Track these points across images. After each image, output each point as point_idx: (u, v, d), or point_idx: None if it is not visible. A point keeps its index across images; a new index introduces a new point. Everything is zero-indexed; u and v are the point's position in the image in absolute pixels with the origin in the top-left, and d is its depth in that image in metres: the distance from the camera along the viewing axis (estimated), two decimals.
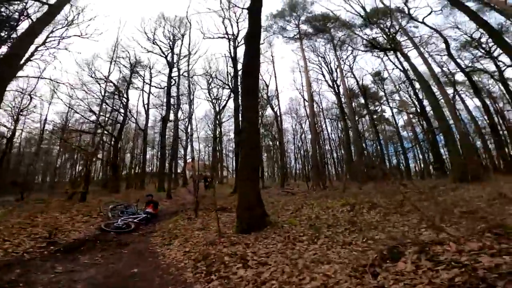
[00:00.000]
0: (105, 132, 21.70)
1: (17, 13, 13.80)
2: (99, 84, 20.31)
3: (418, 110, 23.16)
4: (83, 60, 21.64)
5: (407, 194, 7.25)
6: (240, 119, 11.01)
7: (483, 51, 18.10)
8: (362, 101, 27.01)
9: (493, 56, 17.54)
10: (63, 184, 24.89)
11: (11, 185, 14.77)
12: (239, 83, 17.93)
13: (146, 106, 26.31)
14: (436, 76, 14.68)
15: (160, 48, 24.11)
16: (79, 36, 16.58)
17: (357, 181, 14.80)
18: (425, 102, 20.15)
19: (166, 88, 23.90)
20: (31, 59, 15.66)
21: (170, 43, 24.36)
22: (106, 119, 21.58)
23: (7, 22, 13.70)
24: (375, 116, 28.17)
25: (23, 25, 14.10)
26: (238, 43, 20.84)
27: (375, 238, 4.13)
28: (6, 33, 13.92)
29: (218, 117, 30.56)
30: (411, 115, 26.50)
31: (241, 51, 19.31)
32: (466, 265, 2.16)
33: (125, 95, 22.51)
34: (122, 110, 22.41)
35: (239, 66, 20.16)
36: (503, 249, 2.30)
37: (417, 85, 20.05)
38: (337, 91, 25.60)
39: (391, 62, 22.04)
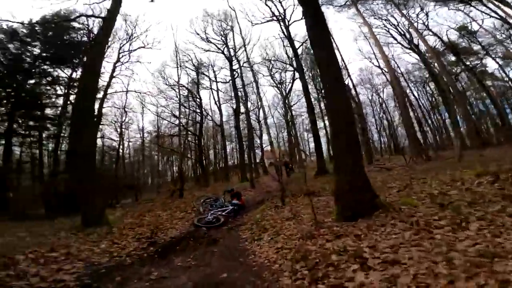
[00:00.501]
0: (189, 132, 23.78)
1: (85, 37, 15.96)
2: (174, 89, 22.04)
3: None
4: (155, 70, 24.09)
5: None
6: (325, 97, 9.73)
7: None
8: (452, 58, 21.65)
9: None
10: (166, 184, 28.76)
11: (126, 189, 17.52)
12: (304, 59, 16.62)
13: (217, 103, 27.58)
14: None
15: (215, 45, 24.43)
16: (143, 47, 18.33)
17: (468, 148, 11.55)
18: None
19: (230, 81, 24.24)
20: (114, 75, 18.07)
21: (223, 38, 24.47)
22: (187, 120, 23.55)
23: (80, 47, 16.10)
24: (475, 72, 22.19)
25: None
26: (289, 21, 19.19)
27: None
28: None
29: (286, 101, 29.58)
30: None
31: (294, 29, 17.66)
32: None
33: (197, 96, 24.00)
34: (198, 110, 23.92)
35: (296, 45, 18.79)
36: None
37: None
38: (417, 50, 21.15)
39: (480, 12, 16.96)
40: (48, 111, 19.07)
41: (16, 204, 15.20)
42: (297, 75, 27.05)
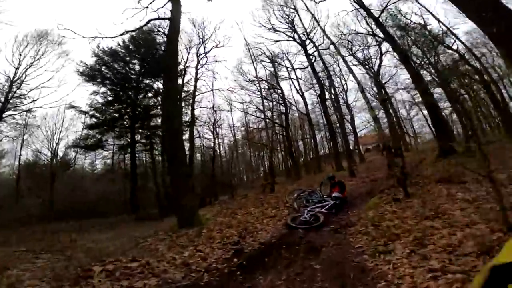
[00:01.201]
0: (276, 124, 23.04)
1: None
2: (254, 84, 21.56)
3: None
4: (233, 67, 24.42)
5: None
6: None
7: None
8: None
9: None
10: (259, 179, 29.09)
11: (223, 186, 18.06)
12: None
13: (300, 91, 25.81)
14: None
15: (284, 33, 22.58)
16: (216, 46, 18.50)
17: None
18: None
19: (309, 66, 21.95)
20: (198, 78, 18.99)
21: (289, 24, 22.33)
22: (272, 113, 22.87)
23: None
24: None
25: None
26: None
27: None
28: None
29: (377, 79, 24.85)
30: None
31: None
32: None
33: (278, 87, 22.92)
34: (281, 101, 22.83)
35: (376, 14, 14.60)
36: None
37: None
38: None
39: None
40: (157, 120, 21.88)
41: (141, 206, 17.89)
42: (384, 48, 22.45)
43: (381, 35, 14.08)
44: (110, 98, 20.20)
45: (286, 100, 23.44)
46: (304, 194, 8.21)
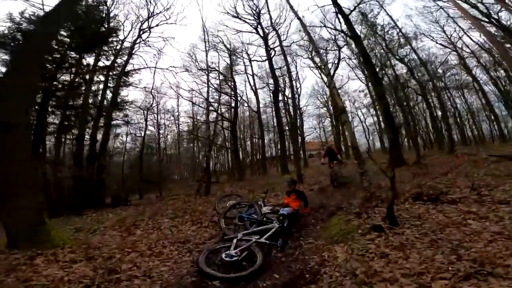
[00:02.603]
0: (224, 119, 20.26)
1: None
2: (204, 72, 18.44)
3: None
4: (185, 50, 20.98)
5: None
6: None
7: None
8: None
9: None
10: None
11: (147, 183, 14.38)
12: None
13: (254, 87, 23.69)
14: None
15: (248, 23, 20.24)
16: (165, 22, 15.14)
17: None
18: None
19: (267, 60, 19.87)
20: (133, 52, 15.14)
21: (255, 16, 20.12)
22: (219, 106, 20.10)
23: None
24: None
25: None
26: None
27: None
28: None
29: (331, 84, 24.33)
30: None
31: None
32: None
33: (230, 79, 20.27)
34: (232, 94, 20.19)
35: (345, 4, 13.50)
36: None
37: None
38: None
39: None
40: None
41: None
42: (342, 54, 21.98)
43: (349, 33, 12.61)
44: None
45: (237, 94, 20.93)
46: (240, 205, 5.56)
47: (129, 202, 11.72)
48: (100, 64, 16.07)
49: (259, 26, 20.13)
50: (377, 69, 14.22)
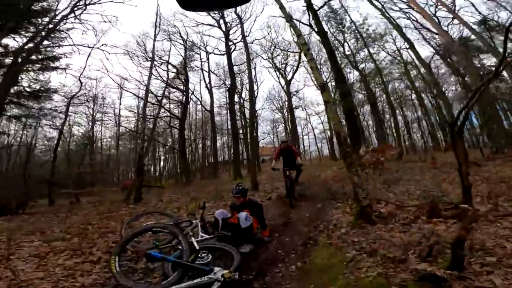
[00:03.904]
0: (172, 116, 17.44)
1: None
2: (150, 60, 15.57)
3: None
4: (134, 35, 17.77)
5: None
6: None
7: None
8: None
9: None
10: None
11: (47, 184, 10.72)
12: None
13: (209, 85, 21.50)
14: None
15: (210, 15, 17.95)
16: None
17: None
18: None
19: (226, 55, 17.96)
20: (57, 28, 11.66)
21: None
22: (168, 100, 17.35)
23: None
24: None
25: None
26: None
27: None
28: None
29: (288, 88, 23.66)
30: None
31: None
32: None
33: (183, 72, 17.69)
34: (182, 87, 17.58)
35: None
36: None
37: None
38: None
39: None
40: None
41: None
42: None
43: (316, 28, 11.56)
44: None
45: (189, 89, 18.42)
46: (156, 231, 3.12)
47: (22, 210, 8.31)
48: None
49: (221, 19, 18.06)
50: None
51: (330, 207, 4.81)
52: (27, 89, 13.79)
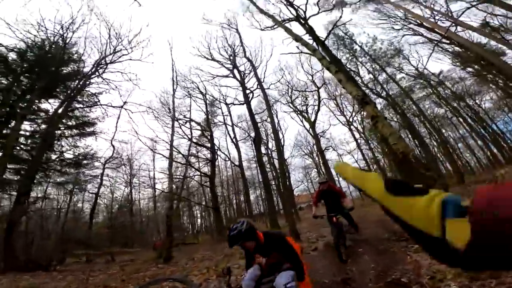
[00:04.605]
0: (201, 174, 17.38)
1: None
2: (171, 118, 16.24)
3: None
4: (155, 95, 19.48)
5: None
6: None
7: None
8: None
9: None
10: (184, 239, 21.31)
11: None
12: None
13: (234, 139, 21.73)
14: None
15: (223, 65, 18.69)
16: (129, 58, 13.87)
17: None
18: None
19: (245, 104, 18.29)
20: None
21: (231, 56, 18.63)
22: (197, 158, 17.62)
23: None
24: None
25: None
26: (305, 18, 13.93)
27: None
28: None
29: (314, 130, 23.05)
30: None
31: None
32: None
33: (207, 129, 18.26)
34: (208, 144, 17.89)
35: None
36: None
37: None
38: None
39: None
40: None
41: None
42: (323, 94, 21.53)
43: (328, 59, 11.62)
44: None
45: (214, 145, 18.67)
46: None
47: (55, 267, 8.12)
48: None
49: (235, 69, 18.95)
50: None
51: (401, 250, 3.54)
52: (68, 156, 14.44)
